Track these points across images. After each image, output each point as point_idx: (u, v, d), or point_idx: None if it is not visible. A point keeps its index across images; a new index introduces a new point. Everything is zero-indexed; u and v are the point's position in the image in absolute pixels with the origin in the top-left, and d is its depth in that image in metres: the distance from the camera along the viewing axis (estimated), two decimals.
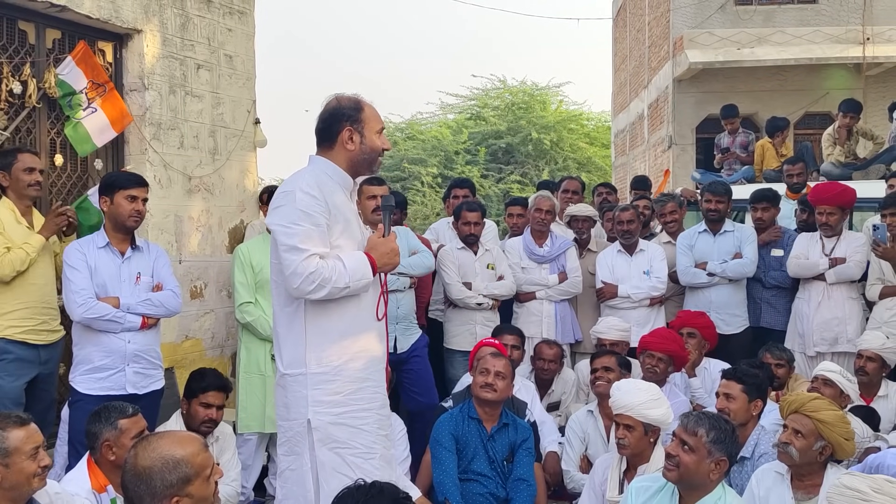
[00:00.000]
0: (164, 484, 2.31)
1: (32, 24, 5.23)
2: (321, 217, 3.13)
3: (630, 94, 20.46)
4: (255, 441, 5.37)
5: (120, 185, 4.36)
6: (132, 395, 4.29)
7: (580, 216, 6.60)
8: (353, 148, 3.25)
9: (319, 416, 3.19)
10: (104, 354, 4.30)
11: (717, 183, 6.79)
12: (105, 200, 4.38)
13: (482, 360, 4.57)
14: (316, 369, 3.20)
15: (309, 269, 3.06)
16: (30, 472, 2.98)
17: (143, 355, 4.40)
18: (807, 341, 5.97)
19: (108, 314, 4.26)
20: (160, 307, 4.47)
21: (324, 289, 3.09)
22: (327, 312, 3.19)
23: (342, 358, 3.20)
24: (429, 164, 24.13)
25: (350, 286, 3.13)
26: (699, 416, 3.44)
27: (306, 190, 3.14)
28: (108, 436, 3.61)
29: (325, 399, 3.19)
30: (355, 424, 3.21)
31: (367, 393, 3.24)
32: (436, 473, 4.39)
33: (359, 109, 3.25)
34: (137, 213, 4.39)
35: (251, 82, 6.73)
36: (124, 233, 4.42)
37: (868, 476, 3.03)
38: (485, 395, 4.45)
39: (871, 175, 8.15)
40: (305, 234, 3.09)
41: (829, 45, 14.49)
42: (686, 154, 15.42)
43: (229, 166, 6.46)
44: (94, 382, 4.30)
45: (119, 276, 4.37)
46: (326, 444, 3.20)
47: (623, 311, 6.14)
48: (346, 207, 3.28)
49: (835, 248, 5.96)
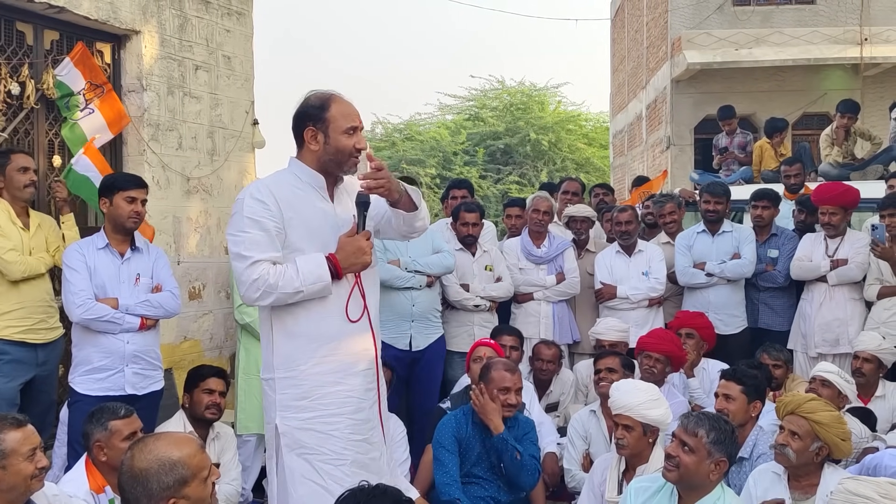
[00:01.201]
0: (160, 486, 2.30)
1: (30, 25, 5.23)
2: (270, 222, 3.08)
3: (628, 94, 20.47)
4: (253, 442, 5.37)
5: (119, 187, 4.35)
6: (131, 395, 4.28)
7: (579, 217, 6.60)
8: (317, 148, 3.16)
9: (287, 421, 3.14)
10: (103, 355, 4.29)
11: (716, 184, 6.79)
12: (104, 202, 4.37)
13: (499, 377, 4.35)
14: (282, 374, 3.16)
15: (252, 277, 3.04)
16: (27, 473, 2.97)
17: (142, 356, 4.39)
18: (809, 342, 5.97)
19: (107, 315, 4.26)
20: (159, 308, 4.46)
21: (270, 295, 3.05)
22: (293, 315, 3.15)
23: (308, 362, 3.14)
24: (427, 164, 24.15)
25: (303, 290, 3.07)
26: (699, 416, 3.44)
27: (256, 196, 3.10)
28: (100, 437, 3.63)
29: (293, 404, 3.15)
30: (323, 430, 3.14)
31: (337, 398, 3.16)
32: (438, 476, 4.38)
33: (323, 108, 3.14)
34: (137, 215, 4.38)
35: (249, 83, 6.73)
36: (124, 234, 4.41)
37: (873, 480, 3.03)
38: (506, 414, 4.37)
39: (869, 175, 8.15)
40: (251, 241, 3.06)
41: (826, 46, 14.51)
42: (684, 154, 15.43)
43: (228, 167, 6.46)
44: (93, 383, 4.30)
45: (118, 277, 4.37)
46: (294, 449, 3.14)
47: (622, 311, 6.13)
48: (314, 208, 3.19)
49: (838, 249, 5.95)
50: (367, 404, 3.26)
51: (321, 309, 3.16)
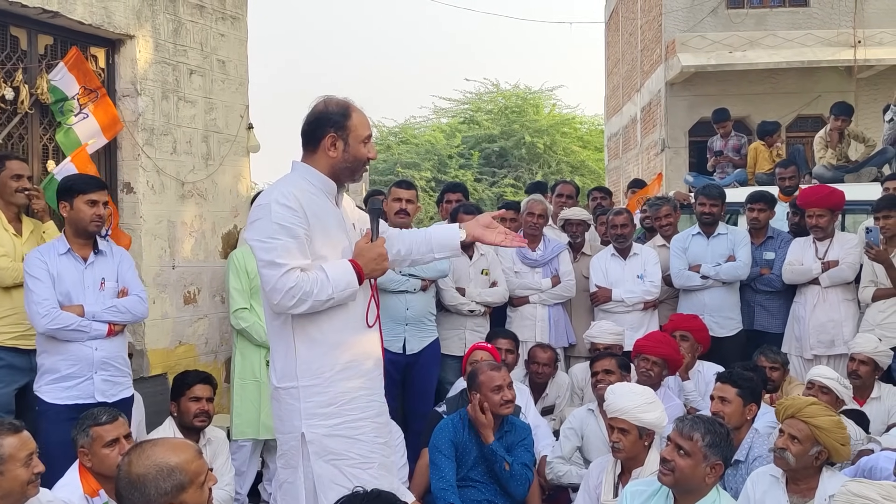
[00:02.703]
0: (158, 492, 2.30)
1: (24, 30, 5.21)
2: (299, 228, 3.05)
3: (623, 97, 20.51)
4: (249, 447, 5.36)
5: (79, 190, 4.17)
6: (101, 403, 4.14)
7: (574, 220, 6.62)
8: (336, 155, 3.15)
9: (314, 429, 3.13)
10: (71, 363, 4.15)
11: (711, 186, 6.81)
12: (65, 206, 4.19)
13: (487, 378, 4.42)
14: (307, 382, 3.14)
15: (288, 285, 3.00)
16: (24, 479, 2.98)
17: (111, 362, 4.26)
18: (804, 344, 5.99)
19: (73, 324, 4.10)
20: (126, 313, 4.32)
21: (305, 303, 3.03)
22: (316, 323, 3.13)
23: (333, 368, 3.14)
24: (422, 168, 24.17)
25: (334, 297, 3.06)
26: (694, 420, 3.45)
27: (282, 202, 3.05)
28: (83, 443, 3.65)
29: (319, 411, 3.14)
30: (351, 435, 3.15)
31: (361, 402, 3.18)
32: (434, 480, 4.38)
33: (346, 116, 3.13)
34: (99, 218, 4.20)
35: (244, 87, 6.72)
36: (85, 238, 4.25)
37: (876, 483, 3.04)
38: (506, 411, 4.43)
39: (863, 177, 8.17)
40: (283, 248, 3.02)
41: (820, 49, 14.56)
42: (679, 157, 15.47)
43: (222, 171, 6.44)
44: (61, 391, 4.15)
45: (83, 283, 4.21)
46: (322, 456, 3.14)
47: (617, 314, 6.14)
48: (329, 214, 3.19)
49: (828, 251, 5.98)
50: (385, 407, 3.32)
51: (344, 316, 3.16)
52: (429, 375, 5.66)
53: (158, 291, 5.82)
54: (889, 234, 5.72)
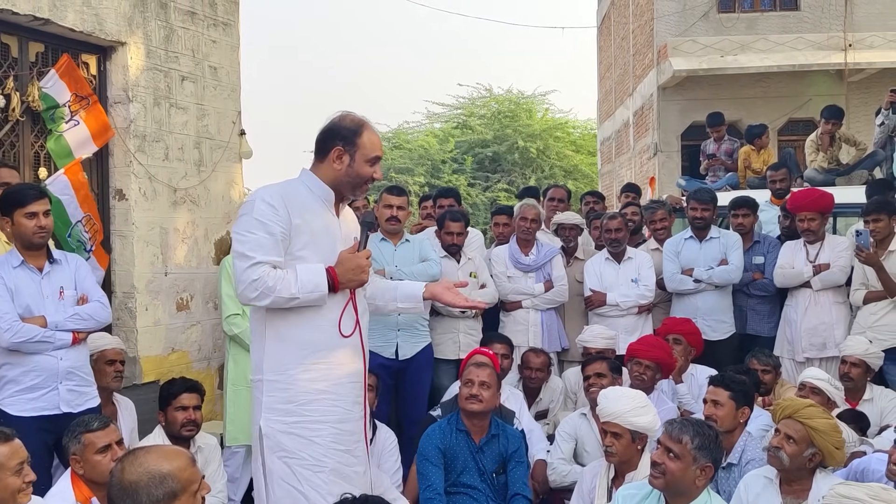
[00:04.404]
0: (150, 499, 2.28)
1: (15, 38, 5.21)
2: (277, 227, 3.14)
3: (615, 101, 20.56)
4: (243, 453, 5.36)
5: (17, 203, 4.03)
6: (67, 413, 4.07)
7: (567, 224, 6.62)
8: (340, 168, 3.24)
9: (271, 424, 3.20)
10: (35, 374, 4.06)
11: (703, 191, 6.83)
12: (6, 221, 4.06)
13: (466, 372, 4.54)
14: (271, 376, 3.22)
15: (252, 277, 3.10)
16: (14, 487, 2.96)
17: (76, 372, 4.19)
18: (795, 347, 6.01)
19: (37, 335, 4.02)
20: (89, 320, 4.22)
21: (267, 297, 3.12)
22: (286, 321, 3.21)
23: (297, 367, 3.20)
24: (416, 173, 24.18)
25: (299, 297, 3.13)
26: (683, 423, 3.45)
27: (267, 199, 3.16)
28: (75, 450, 3.64)
29: (278, 407, 3.20)
30: (306, 436, 3.19)
31: (322, 405, 3.21)
32: (422, 490, 4.36)
33: (357, 133, 3.23)
34: (41, 229, 4.06)
35: (236, 93, 6.73)
36: (36, 249, 4.13)
37: (864, 484, 3.05)
38: (471, 406, 4.41)
39: (854, 181, 8.20)
40: (256, 243, 3.12)
41: (811, 52, 14.64)
42: (671, 161, 15.51)
43: (215, 178, 6.44)
44: (25, 403, 4.06)
45: (41, 294, 4.12)
46: (276, 451, 3.20)
47: (611, 318, 6.15)
48: (321, 220, 3.26)
49: (819, 254, 6.00)
50: (354, 417, 3.31)
51: (315, 318, 3.22)
52: (421, 380, 5.66)
53: (151, 298, 5.82)
54: (879, 236, 5.74)
